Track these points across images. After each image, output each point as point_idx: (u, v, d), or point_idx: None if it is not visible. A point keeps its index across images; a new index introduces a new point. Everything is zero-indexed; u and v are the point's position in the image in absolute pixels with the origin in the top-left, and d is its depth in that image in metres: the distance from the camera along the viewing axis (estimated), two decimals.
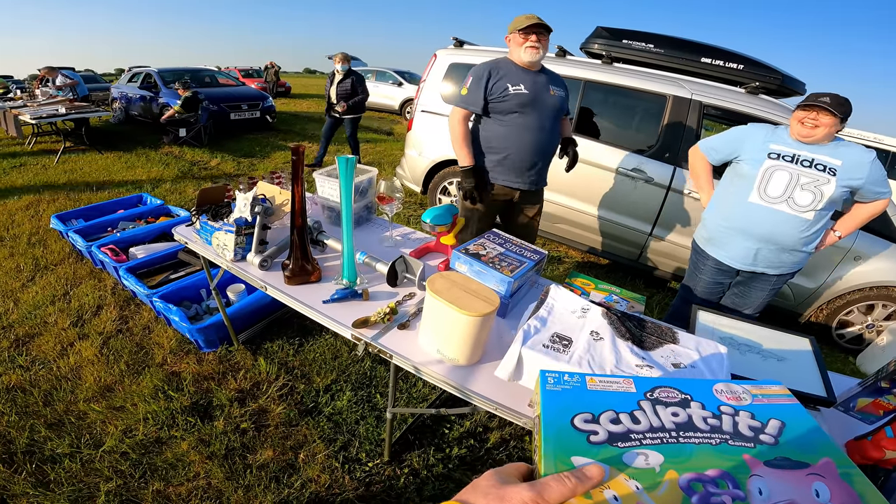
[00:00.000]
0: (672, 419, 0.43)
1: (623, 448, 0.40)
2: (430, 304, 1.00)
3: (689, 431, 0.42)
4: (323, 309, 1.23)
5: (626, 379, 0.48)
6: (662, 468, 0.38)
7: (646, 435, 0.41)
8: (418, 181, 3.92)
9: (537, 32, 1.91)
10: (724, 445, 0.41)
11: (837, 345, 2.95)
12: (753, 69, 2.82)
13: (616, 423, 0.42)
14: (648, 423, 0.42)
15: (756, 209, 1.76)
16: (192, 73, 8.52)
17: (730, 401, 0.46)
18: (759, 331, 1.29)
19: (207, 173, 5.48)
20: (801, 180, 1.67)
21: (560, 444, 0.40)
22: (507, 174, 2.08)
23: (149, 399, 1.89)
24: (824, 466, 0.39)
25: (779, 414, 0.44)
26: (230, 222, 1.36)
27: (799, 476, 0.38)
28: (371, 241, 1.68)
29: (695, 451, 0.40)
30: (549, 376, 0.49)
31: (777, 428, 0.43)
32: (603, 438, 0.41)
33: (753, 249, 1.82)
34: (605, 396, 0.46)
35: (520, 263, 1.28)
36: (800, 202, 1.68)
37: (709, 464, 0.39)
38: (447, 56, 3.58)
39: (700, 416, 0.44)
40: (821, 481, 0.37)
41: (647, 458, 0.39)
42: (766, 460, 0.39)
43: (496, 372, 0.96)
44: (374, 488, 1.62)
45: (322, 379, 2.11)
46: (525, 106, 1.96)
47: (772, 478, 0.38)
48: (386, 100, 11.42)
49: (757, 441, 0.41)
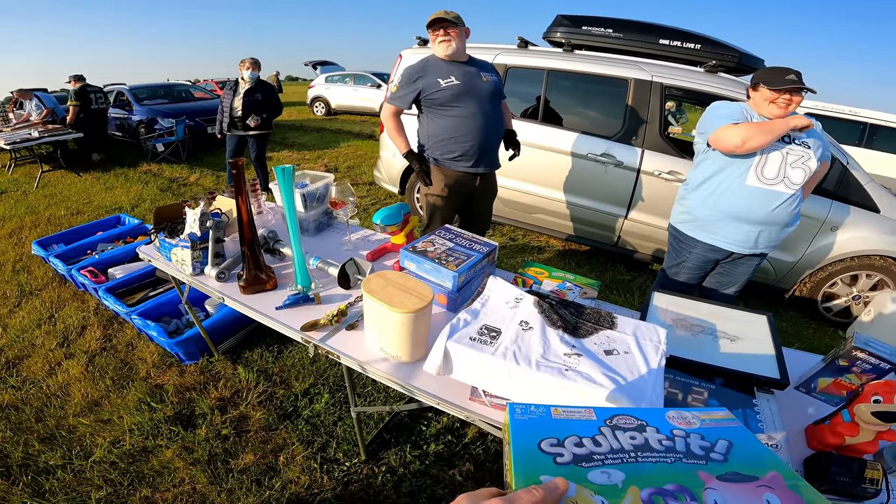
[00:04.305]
0: (630, 441, 0.46)
1: (587, 467, 0.43)
2: (366, 303, 1.03)
3: (646, 452, 0.45)
4: (275, 315, 1.26)
5: (587, 409, 0.51)
6: (624, 484, 0.41)
7: (607, 456, 0.44)
8: (395, 182, 3.94)
9: (444, 26, 2.00)
10: (678, 463, 0.44)
11: (826, 319, 2.94)
12: (711, 48, 2.83)
13: (580, 446, 0.45)
14: (609, 446, 0.45)
15: (756, 192, 1.70)
16: (166, 88, 8.46)
17: (681, 425, 0.49)
18: (717, 310, 1.27)
19: (187, 189, 5.47)
20: (788, 158, 1.66)
21: (529, 465, 0.43)
22: (464, 162, 2.17)
23: (134, 411, 1.97)
24: (772, 479, 0.42)
25: (726, 435, 0.48)
26: (185, 238, 1.39)
27: (750, 488, 0.41)
28: (332, 246, 1.71)
29: (653, 469, 0.43)
30: (517, 408, 0.51)
31: (725, 447, 0.46)
32: (568, 459, 0.43)
33: (755, 232, 1.78)
34: (569, 424, 0.49)
35: (467, 257, 1.31)
36: (794, 180, 1.66)
37: (667, 479, 0.41)
38: (412, 55, 3.60)
39: (655, 438, 0.47)
40: (771, 492, 0.40)
41: (610, 475, 0.42)
42: (718, 475, 0.42)
43: (424, 367, 0.98)
44: (353, 487, 1.66)
45: (300, 384, 2.15)
46: (460, 96, 2.05)
47: (725, 490, 0.40)
48: (366, 102, 11.37)
49: (708, 459, 0.45)
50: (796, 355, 1.25)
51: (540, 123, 3.26)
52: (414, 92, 2.10)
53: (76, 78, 6.24)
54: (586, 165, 3.11)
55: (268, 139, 4.63)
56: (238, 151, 4.50)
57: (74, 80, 6.22)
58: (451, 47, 2.03)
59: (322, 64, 15.07)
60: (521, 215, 3.54)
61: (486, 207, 2.49)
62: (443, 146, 2.14)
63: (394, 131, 2.19)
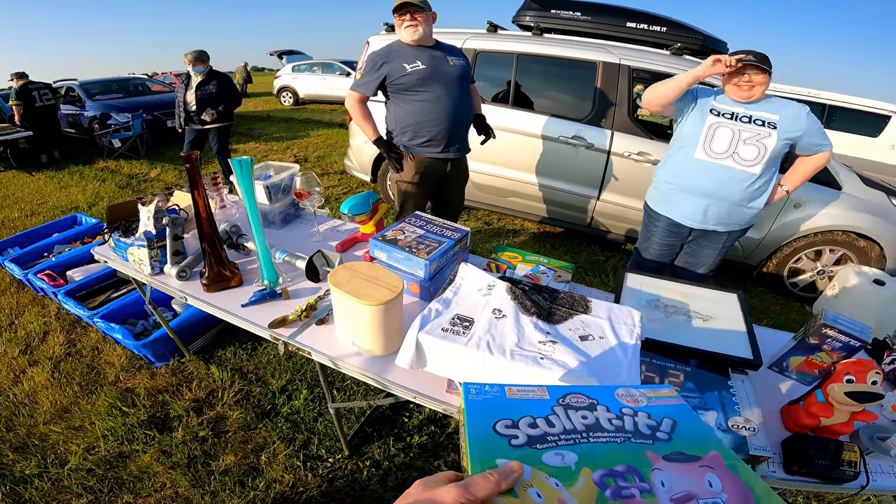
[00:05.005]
0: (582, 421, 0.47)
1: (541, 449, 0.43)
2: (334, 297, 0.99)
3: (597, 432, 0.46)
4: (241, 313, 1.21)
5: (540, 388, 0.52)
6: (577, 466, 0.42)
7: (560, 437, 0.45)
8: (366, 170, 3.87)
9: (410, 11, 1.95)
10: (627, 443, 0.45)
11: (793, 294, 3.04)
12: (676, 31, 2.87)
13: (534, 427, 0.46)
14: (562, 426, 0.46)
15: (702, 165, 1.80)
16: (120, 82, 8.10)
17: (629, 403, 0.51)
18: (688, 289, 1.28)
19: (148, 186, 5.27)
20: (743, 135, 1.72)
21: (484, 448, 0.43)
22: (433, 147, 2.14)
23: (105, 417, 1.92)
24: (712, 459, 0.43)
25: (670, 413, 0.49)
26: (141, 237, 1.32)
27: (693, 468, 0.42)
28: (300, 238, 1.66)
29: (604, 450, 0.44)
30: (471, 388, 0.52)
31: (670, 426, 0.48)
32: (523, 441, 0.44)
33: (703, 206, 1.86)
34: (523, 404, 0.49)
35: (439, 244, 1.28)
36: (745, 156, 1.73)
37: (617, 460, 0.42)
38: (379, 42, 3.51)
39: (606, 417, 0.48)
40: (712, 472, 0.42)
41: (564, 457, 0.42)
42: (664, 455, 0.44)
43: (396, 360, 0.95)
44: (338, 483, 1.65)
45: (277, 380, 2.11)
46: (427, 80, 2.01)
47: (671, 471, 0.42)
48: (335, 91, 11.14)
49: (654, 438, 0.46)
50: (767, 333, 1.27)
51: (511, 107, 3.24)
52: (379, 78, 2.04)
53: (18, 75, 5.92)
54: (558, 148, 3.12)
55: (229, 131, 4.44)
56: (197, 145, 4.31)
57: (17, 78, 5.89)
58: (418, 32, 1.97)
59: (288, 53, 14.92)
60: (495, 199, 3.53)
61: (459, 192, 2.47)
62: (411, 132, 2.10)
63: (361, 119, 2.15)
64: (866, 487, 0.86)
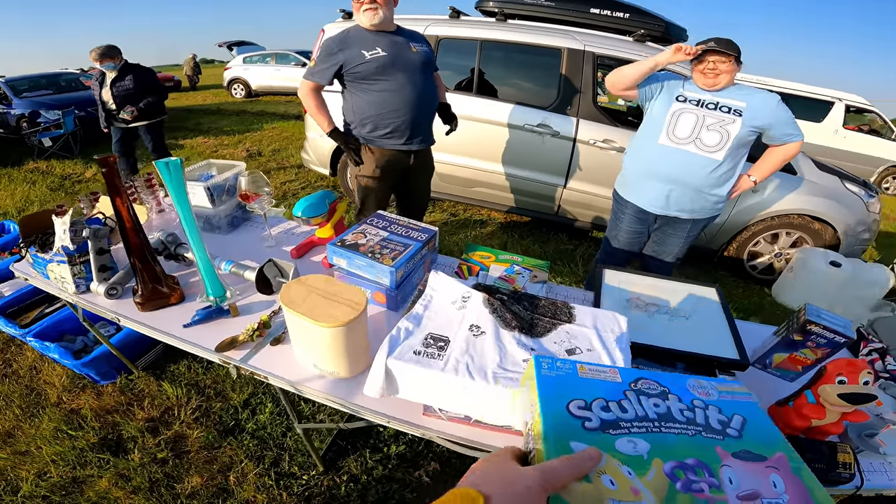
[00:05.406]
0: (654, 409, 0.47)
1: (615, 435, 0.43)
2: (288, 318, 0.87)
3: (669, 422, 0.46)
4: (183, 334, 1.06)
5: (612, 369, 0.52)
6: (650, 455, 0.42)
7: (633, 424, 0.45)
8: (325, 163, 3.69)
9: None
10: (698, 437, 0.45)
11: (752, 277, 3.13)
12: (639, 17, 2.85)
13: (606, 410, 0.46)
14: (634, 413, 0.46)
15: (665, 150, 1.80)
16: (50, 78, 7.50)
17: (701, 395, 0.50)
18: (667, 285, 1.26)
19: (82, 187, 4.84)
20: (706, 121, 1.72)
21: (558, 430, 0.43)
22: (396, 139, 2.02)
23: (51, 440, 1.77)
24: (778, 460, 0.43)
25: (741, 410, 0.49)
26: (59, 251, 1.14)
27: (759, 468, 0.42)
28: (251, 243, 1.51)
29: (675, 441, 0.44)
30: (543, 361, 0.52)
31: (740, 423, 0.48)
32: (596, 425, 0.44)
33: (665, 191, 1.86)
34: (595, 385, 0.49)
35: (405, 247, 1.17)
36: (707, 142, 1.73)
37: (688, 453, 0.43)
38: (335, 30, 3.31)
39: (678, 408, 0.48)
40: (777, 474, 0.42)
41: (636, 445, 0.42)
42: (733, 452, 0.44)
43: (364, 390, 0.84)
44: (315, 501, 1.55)
45: (239, 394, 1.96)
46: (387, 68, 1.88)
47: (739, 468, 0.42)
48: (290, 82, 10.77)
49: (725, 434, 0.46)
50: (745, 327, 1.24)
51: (475, 95, 3.15)
52: (335, 66, 1.89)
53: None
54: (523, 136, 3.05)
55: (163, 127, 4.11)
56: (127, 145, 3.97)
57: None
58: (378, 16, 1.82)
59: (238, 44, 14.51)
60: (461, 190, 3.45)
61: (424, 185, 2.35)
62: (371, 123, 1.97)
63: (314, 109, 2.01)
64: (861, 488, 0.83)
